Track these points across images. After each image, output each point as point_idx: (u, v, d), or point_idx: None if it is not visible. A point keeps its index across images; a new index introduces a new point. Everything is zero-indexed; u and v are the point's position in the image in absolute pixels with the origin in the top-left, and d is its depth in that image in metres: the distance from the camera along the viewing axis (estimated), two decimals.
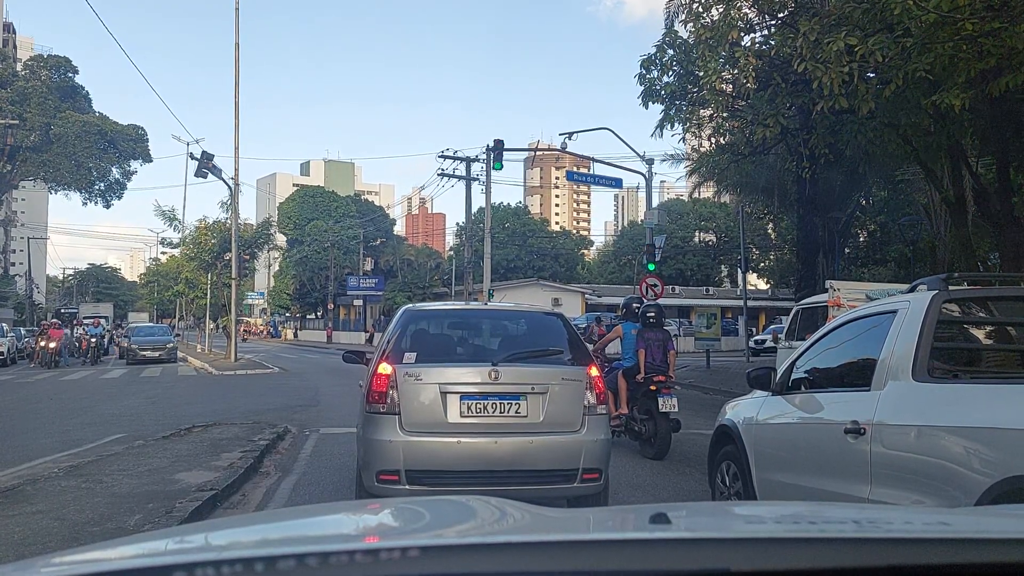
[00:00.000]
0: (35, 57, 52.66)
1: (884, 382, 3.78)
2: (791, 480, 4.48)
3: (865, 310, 4.52)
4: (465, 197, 39.69)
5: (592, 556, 1.04)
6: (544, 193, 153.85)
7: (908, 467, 3.50)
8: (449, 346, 5.90)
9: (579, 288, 56.23)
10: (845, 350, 4.52)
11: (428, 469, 5.03)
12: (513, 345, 5.74)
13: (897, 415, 3.63)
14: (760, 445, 4.84)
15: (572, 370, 5.36)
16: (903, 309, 3.90)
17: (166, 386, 18.49)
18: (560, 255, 72.28)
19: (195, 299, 42.43)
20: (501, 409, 5.16)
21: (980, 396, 3.43)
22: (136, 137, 52.52)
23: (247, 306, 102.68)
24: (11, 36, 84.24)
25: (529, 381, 5.21)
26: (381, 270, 64.46)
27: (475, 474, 5.02)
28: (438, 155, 38.30)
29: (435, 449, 5.06)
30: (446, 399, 5.11)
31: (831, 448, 4.06)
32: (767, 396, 4.90)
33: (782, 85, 12.45)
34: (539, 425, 5.16)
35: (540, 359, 5.45)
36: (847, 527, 1.36)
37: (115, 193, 53.47)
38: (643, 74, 14.95)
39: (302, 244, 68.80)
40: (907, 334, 3.73)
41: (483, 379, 5.15)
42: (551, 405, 5.20)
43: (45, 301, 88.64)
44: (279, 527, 1.58)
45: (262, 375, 23.10)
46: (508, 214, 71.87)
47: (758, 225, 57.54)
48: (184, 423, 10.62)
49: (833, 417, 4.11)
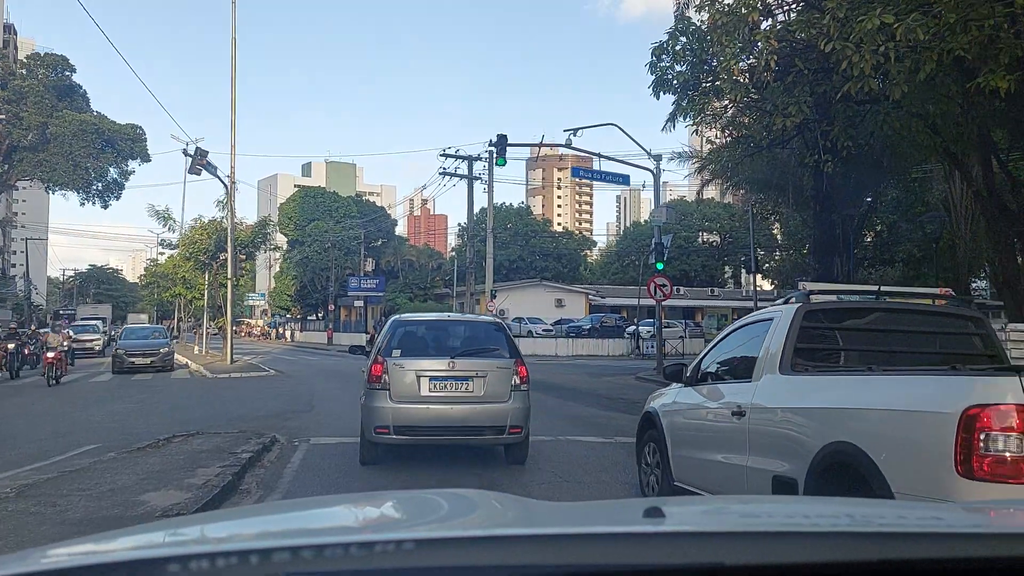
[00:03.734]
0: (32, 55, 52.02)
1: (761, 375, 4.72)
2: (696, 455, 5.42)
3: (753, 316, 5.54)
4: (467, 196, 38.98)
5: (586, 550, 1.05)
6: (546, 194, 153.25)
7: (772, 438, 4.45)
8: (424, 344, 8.33)
9: (583, 289, 55.45)
10: (738, 349, 5.40)
11: (408, 425, 7.61)
12: (466, 344, 8.32)
13: (767, 400, 4.56)
14: (674, 428, 5.82)
15: (504, 361, 7.91)
16: (777, 317, 4.83)
17: (156, 390, 17.74)
18: (563, 255, 71.41)
19: (193, 300, 41.78)
20: (456, 387, 7.74)
21: (820, 385, 4.38)
22: (134, 137, 51.74)
23: (248, 307, 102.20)
24: (12, 37, 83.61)
25: (475, 369, 7.78)
26: (382, 271, 63.68)
27: (439, 428, 7.72)
28: (440, 154, 37.66)
29: (413, 412, 7.64)
30: (420, 380, 7.68)
31: (723, 427, 5.05)
32: (681, 387, 5.90)
33: (804, 71, 11.69)
34: (481, 397, 7.71)
35: (483, 354, 8.02)
36: (840, 521, 1.38)
37: (113, 193, 52.62)
38: (654, 62, 14.19)
39: (303, 245, 68.11)
40: (778, 337, 4.65)
41: (445, 367, 7.76)
42: (489, 384, 7.74)
43: (46, 303, 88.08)
44: (275, 519, 1.61)
45: (257, 378, 22.37)
46: (511, 214, 71.08)
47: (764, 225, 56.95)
48: (168, 431, 9.91)
49: (725, 403, 5.10)
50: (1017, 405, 3.14)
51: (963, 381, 3.52)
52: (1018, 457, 3.14)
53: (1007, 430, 3.16)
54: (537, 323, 45.57)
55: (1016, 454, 3.14)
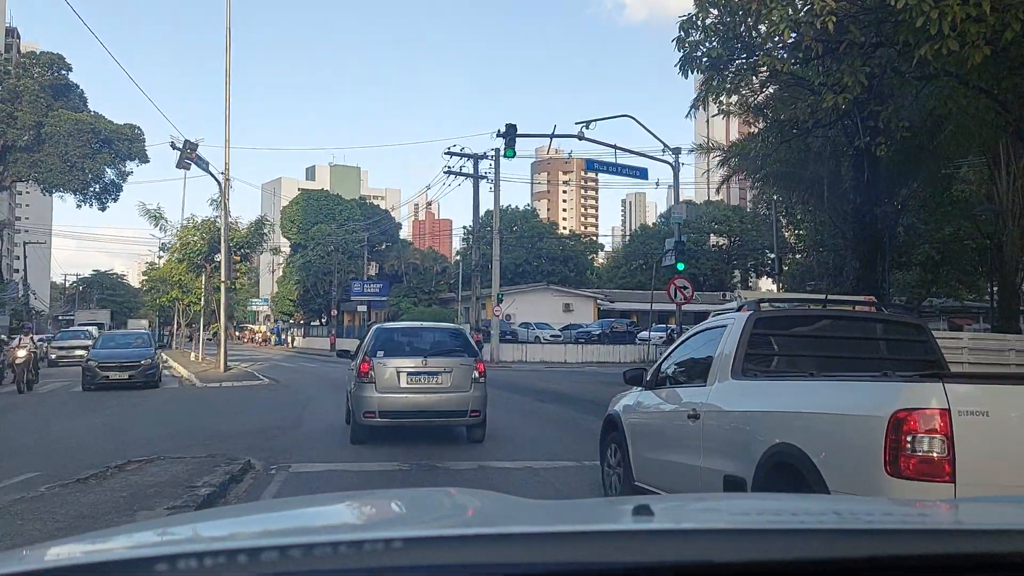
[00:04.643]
0: (27, 54, 50.86)
1: (714, 379, 4.93)
2: (655, 456, 5.56)
3: (710, 322, 5.87)
4: (472, 195, 37.62)
5: (577, 548, 1.05)
6: (551, 198, 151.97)
7: (724, 440, 4.71)
8: (402, 346, 10.07)
9: (591, 293, 53.88)
10: (695, 353, 5.55)
11: (391, 410, 9.46)
12: (435, 347, 10.10)
13: (719, 404, 4.80)
14: (634, 429, 5.98)
15: (466, 360, 9.84)
16: (730, 324, 5.05)
17: (134, 402, 16.04)
18: (570, 259, 69.87)
19: (190, 304, 40.37)
20: (428, 380, 9.58)
21: (767, 389, 4.64)
22: (132, 137, 50.47)
23: (251, 313, 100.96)
24: (15, 41, 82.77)
25: (443, 365, 9.65)
26: (386, 275, 62.37)
27: (415, 412, 9.59)
28: (444, 152, 36.35)
29: (394, 400, 9.49)
30: (399, 374, 9.53)
31: (679, 430, 5.22)
32: (641, 390, 6.04)
33: (858, 41, 10.24)
34: (448, 388, 9.59)
35: (449, 354, 9.86)
36: (828, 519, 1.38)
37: (110, 195, 51.43)
38: (681, 38, 12.74)
39: (306, 248, 66.89)
40: (730, 343, 4.88)
41: (419, 364, 9.63)
42: (454, 378, 9.60)
43: (49, 308, 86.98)
44: (265, 519, 1.59)
45: (249, 388, 20.94)
46: (516, 217, 69.66)
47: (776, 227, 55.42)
48: (128, 453, 8.50)
49: (681, 406, 5.24)
50: (940, 409, 3.32)
51: (893, 387, 3.64)
52: (941, 458, 3.31)
53: (931, 432, 3.33)
54: (544, 328, 44.12)
55: (940, 455, 3.32)
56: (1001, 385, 3.72)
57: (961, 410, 3.33)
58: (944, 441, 3.30)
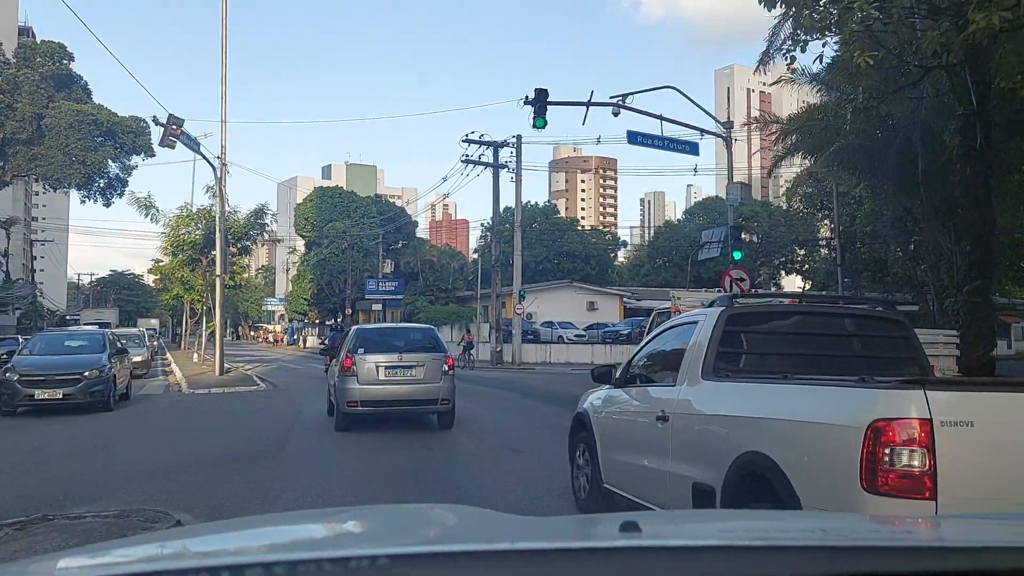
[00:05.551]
0: (27, 44, 49.03)
1: (684, 379, 4.71)
2: (623, 458, 5.41)
3: (680, 319, 5.69)
4: (492, 185, 35.03)
5: (562, 565, 1.03)
6: (569, 197, 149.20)
7: (692, 445, 4.42)
8: (380, 344, 11.54)
9: (617, 291, 51.13)
10: (664, 351, 5.43)
11: (371, 399, 10.89)
12: (411, 343, 11.62)
13: (688, 406, 4.57)
14: (603, 430, 5.84)
15: (437, 355, 11.34)
16: (701, 321, 4.82)
17: (92, 416, 13.13)
18: (591, 256, 67.24)
19: (194, 301, 38.15)
20: (404, 373, 11.04)
21: (738, 392, 4.25)
22: (137, 130, 48.32)
23: (267, 313, 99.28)
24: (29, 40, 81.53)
25: (417, 360, 11.11)
26: (402, 272, 60.11)
27: (392, 402, 11.05)
28: (462, 139, 33.84)
29: (374, 391, 10.92)
30: (378, 368, 10.97)
31: (647, 432, 5.02)
32: (610, 389, 5.88)
33: None
34: (421, 380, 11.04)
35: (422, 350, 11.38)
36: (814, 535, 1.38)
37: (115, 190, 49.50)
38: None
39: (320, 246, 64.88)
40: (701, 341, 4.64)
41: (396, 359, 11.10)
42: (427, 371, 11.07)
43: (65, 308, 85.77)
44: (249, 535, 1.55)
45: (241, 394, 18.54)
46: (536, 213, 67.19)
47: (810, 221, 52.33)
48: (25, 505, 6.07)
49: (649, 407, 5.06)
50: (921, 419, 3.07)
51: (870, 394, 3.37)
52: (922, 472, 3.06)
53: (911, 444, 3.08)
54: (568, 328, 41.58)
55: (920, 469, 3.07)
56: (989, 392, 3.44)
57: (944, 420, 3.07)
58: (925, 454, 3.05)
